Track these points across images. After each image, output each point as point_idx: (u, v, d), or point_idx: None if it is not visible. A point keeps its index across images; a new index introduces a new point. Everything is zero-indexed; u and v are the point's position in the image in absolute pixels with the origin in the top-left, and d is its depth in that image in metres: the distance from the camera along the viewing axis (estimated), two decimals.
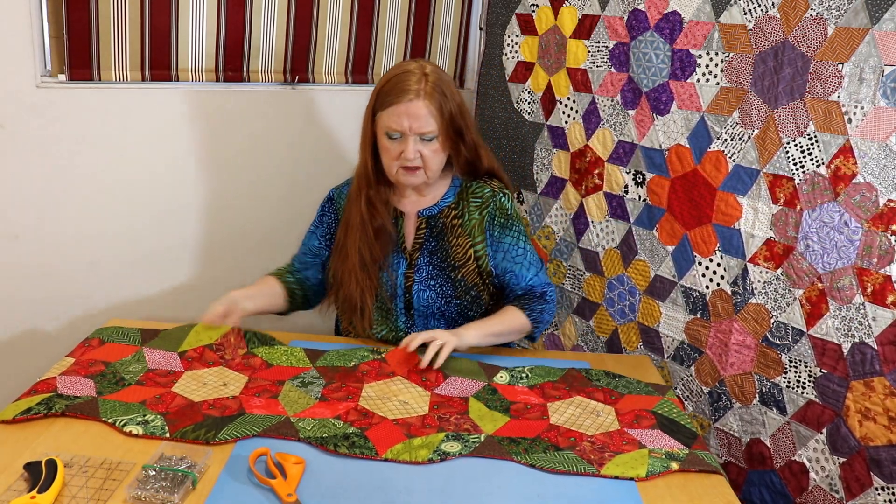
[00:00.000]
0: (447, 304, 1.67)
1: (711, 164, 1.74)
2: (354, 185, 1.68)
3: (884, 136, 1.42)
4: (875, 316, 1.47)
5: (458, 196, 1.69)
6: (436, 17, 2.40)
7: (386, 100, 1.54)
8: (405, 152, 1.54)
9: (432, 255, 1.66)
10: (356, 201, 1.65)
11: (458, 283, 1.66)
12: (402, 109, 1.52)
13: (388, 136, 1.55)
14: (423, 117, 1.53)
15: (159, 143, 2.02)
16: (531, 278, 1.68)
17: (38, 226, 1.89)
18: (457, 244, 1.66)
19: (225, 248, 2.22)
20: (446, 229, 1.66)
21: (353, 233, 1.64)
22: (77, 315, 1.98)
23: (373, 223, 1.63)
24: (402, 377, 1.49)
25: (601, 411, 1.42)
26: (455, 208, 1.67)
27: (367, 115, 1.61)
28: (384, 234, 1.65)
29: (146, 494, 1.09)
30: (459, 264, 1.66)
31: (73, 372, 1.43)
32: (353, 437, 1.26)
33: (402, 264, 1.67)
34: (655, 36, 1.82)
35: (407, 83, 1.53)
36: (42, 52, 1.79)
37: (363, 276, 1.64)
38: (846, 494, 1.54)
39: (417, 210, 1.68)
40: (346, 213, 1.68)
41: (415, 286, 1.66)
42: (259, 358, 1.54)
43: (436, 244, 1.66)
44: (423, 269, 1.66)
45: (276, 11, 2.08)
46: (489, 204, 1.67)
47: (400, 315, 1.68)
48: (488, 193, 1.67)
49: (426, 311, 1.67)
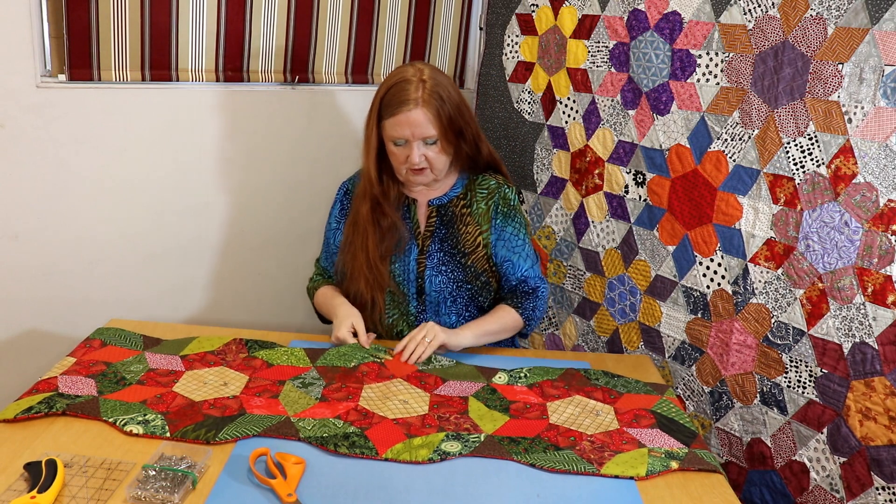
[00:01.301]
0: (458, 289, 1.72)
1: (712, 164, 1.74)
2: (361, 185, 1.73)
3: (884, 136, 1.42)
4: (875, 316, 1.47)
5: (466, 187, 1.76)
6: (436, 17, 2.40)
7: (388, 110, 1.62)
8: (411, 157, 1.63)
9: (443, 242, 1.72)
10: (363, 202, 1.70)
11: (469, 268, 1.71)
12: (403, 119, 1.60)
13: (394, 143, 1.64)
14: (423, 124, 1.60)
15: (159, 143, 2.02)
16: (526, 269, 1.74)
17: (38, 226, 1.89)
18: (466, 232, 1.72)
19: (225, 247, 2.22)
20: (456, 217, 1.73)
21: (360, 231, 1.70)
22: (77, 315, 1.98)
23: (381, 223, 1.70)
24: (402, 379, 1.49)
25: (600, 410, 1.42)
26: (464, 198, 1.75)
27: (372, 121, 1.66)
28: (393, 232, 1.71)
29: (146, 494, 1.09)
30: (469, 251, 1.71)
31: (74, 371, 1.44)
32: (353, 437, 1.26)
33: (414, 250, 1.72)
34: (655, 36, 1.82)
35: (406, 93, 1.60)
36: (42, 52, 1.79)
37: (371, 274, 1.69)
38: (847, 494, 1.54)
39: (428, 199, 1.75)
40: (353, 210, 1.74)
41: (427, 271, 1.71)
42: (259, 359, 1.54)
43: (446, 232, 1.72)
44: (435, 256, 1.71)
45: (276, 11, 2.08)
46: (495, 194, 1.75)
47: (412, 300, 1.73)
48: (494, 185, 1.76)
49: (438, 296, 1.72)
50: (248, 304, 2.31)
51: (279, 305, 2.37)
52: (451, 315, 1.74)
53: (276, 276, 2.34)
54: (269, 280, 2.33)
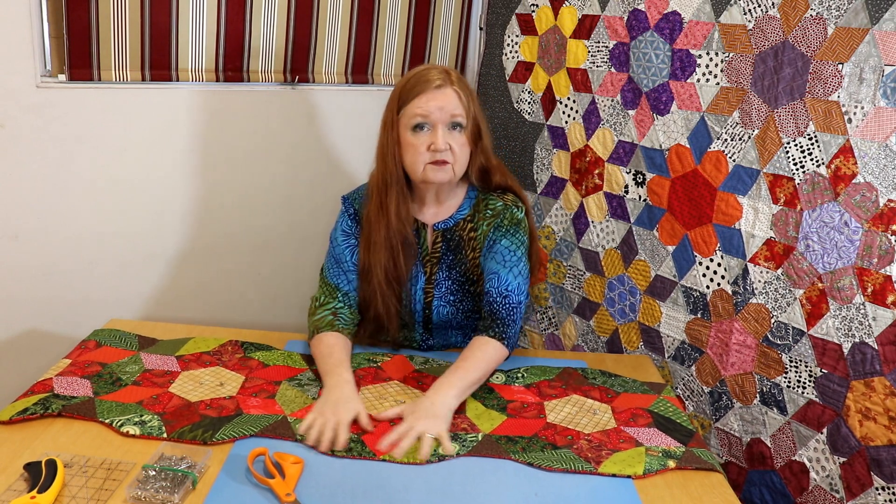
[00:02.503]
0: (466, 319, 1.65)
1: (712, 164, 1.73)
2: (375, 200, 1.57)
3: (884, 136, 1.42)
4: (875, 316, 1.47)
5: (474, 208, 1.63)
6: (436, 17, 2.40)
7: (411, 93, 1.49)
8: (435, 142, 1.48)
9: (451, 270, 1.61)
10: (379, 216, 1.56)
11: (478, 297, 1.63)
12: (431, 96, 1.48)
13: (415, 128, 1.49)
14: (452, 102, 1.49)
15: (159, 144, 2.02)
16: (513, 285, 1.53)
17: (38, 226, 1.89)
18: (473, 257, 1.61)
19: (225, 248, 2.22)
20: (463, 242, 1.61)
21: (378, 249, 1.56)
22: (77, 315, 1.98)
23: (400, 233, 1.56)
24: (398, 381, 1.49)
25: (598, 409, 1.42)
26: (471, 221, 1.62)
27: (389, 119, 1.54)
28: (408, 246, 1.58)
29: (146, 494, 1.09)
30: (476, 278, 1.62)
31: (69, 373, 1.44)
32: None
33: (421, 278, 1.62)
34: (655, 36, 1.82)
35: (430, 74, 1.50)
36: (42, 52, 1.79)
37: (388, 291, 1.58)
38: (846, 494, 1.54)
39: (433, 223, 1.62)
40: (366, 232, 1.59)
41: (434, 301, 1.62)
42: (255, 359, 1.54)
43: (453, 258, 1.61)
44: (443, 285, 1.62)
45: (276, 11, 2.08)
46: (499, 215, 1.60)
47: (418, 328, 1.67)
48: (501, 206, 1.61)
49: (445, 325, 1.65)
50: (247, 305, 2.31)
51: (279, 306, 2.37)
52: (457, 336, 1.69)
53: (276, 277, 2.34)
54: (269, 280, 2.33)
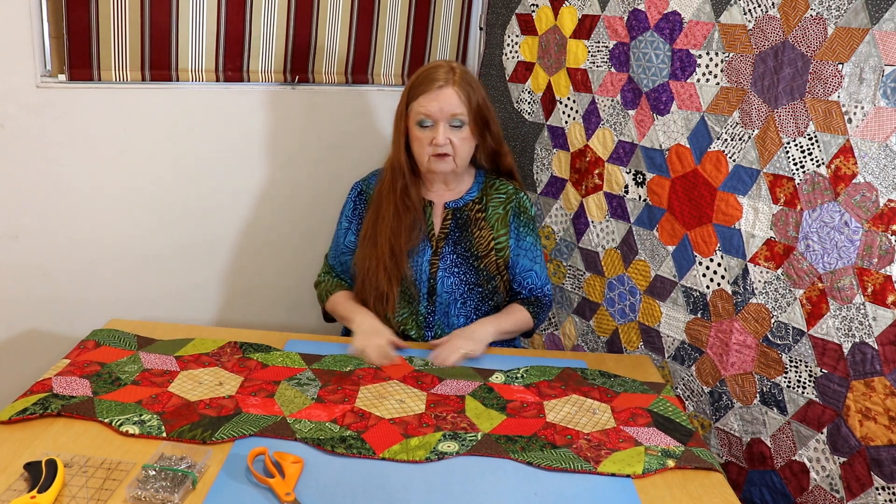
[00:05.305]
0: (469, 292, 1.74)
1: (712, 164, 1.73)
2: (388, 177, 1.75)
3: (884, 136, 1.42)
4: (875, 316, 1.47)
5: (482, 191, 1.79)
6: (436, 17, 2.40)
7: (417, 90, 1.66)
8: (436, 138, 1.65)
9: (457, 245, 1.74)
10: (390, 194, 1.73)
11: (481, 272, 1.74)
12: (433, 96, 1.64)
13: (420, 124, 1.66)
14: (453, 101, 1.64)
15: (159, 143, 2.02)
16: (546, 280, 1.82)
17: (38, 226, 1.89)
18: (480, 236, 1.75)
19: (225, 248, 2.22)
20: (471, 221, 1.76)
21: (385, 223, 1.71)
22: (77, 315, 1.98)
23: (407, 213, 1.72)
24: (398, 381, 1.49)
25: (597, 409, 1.42)
26: (479, 202, 1.78)
27: (401, 110, 1.70)
28: (415, 225, 1.73)
29: (146, 494, 1.09)
30: (482, 254, 1.75)
31: (68, 372, 1.43)
32: (349, 440, 1.26)
33: (428, 251, 1.74)
34: (655, 36, 1.82)
35: (436, 74, 1.66)
36: (42, 52, 1.80)
37: (392, 264, 1.70)
38: (847, 494, 1.54)
39: (444, 202, 1.77)
40: (376, 204, 1.76)
41: (439, 272, 1.73)
42: (254, 360, 1.54)
43: (460, 235, 1.75)
44: (448, 258, 1.73)
45: (276, 11, 2.08)
46: (512, 200, 1.78)
47: (423, 300, 1.74)
48: (511, 190, 1.80)
49: (448, 297, 1.73)
50: (247, 305, 2.31)
51: (279, 306, 2.37)
52: (459, 317, 1.75)
53: (277, 277, 2.34)
54: (269, 280, 2.33)
